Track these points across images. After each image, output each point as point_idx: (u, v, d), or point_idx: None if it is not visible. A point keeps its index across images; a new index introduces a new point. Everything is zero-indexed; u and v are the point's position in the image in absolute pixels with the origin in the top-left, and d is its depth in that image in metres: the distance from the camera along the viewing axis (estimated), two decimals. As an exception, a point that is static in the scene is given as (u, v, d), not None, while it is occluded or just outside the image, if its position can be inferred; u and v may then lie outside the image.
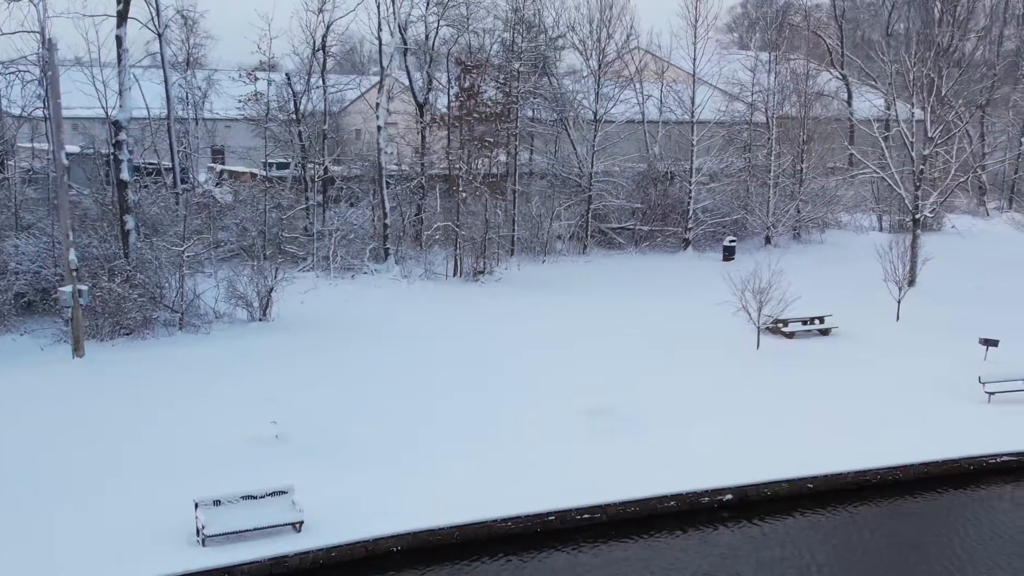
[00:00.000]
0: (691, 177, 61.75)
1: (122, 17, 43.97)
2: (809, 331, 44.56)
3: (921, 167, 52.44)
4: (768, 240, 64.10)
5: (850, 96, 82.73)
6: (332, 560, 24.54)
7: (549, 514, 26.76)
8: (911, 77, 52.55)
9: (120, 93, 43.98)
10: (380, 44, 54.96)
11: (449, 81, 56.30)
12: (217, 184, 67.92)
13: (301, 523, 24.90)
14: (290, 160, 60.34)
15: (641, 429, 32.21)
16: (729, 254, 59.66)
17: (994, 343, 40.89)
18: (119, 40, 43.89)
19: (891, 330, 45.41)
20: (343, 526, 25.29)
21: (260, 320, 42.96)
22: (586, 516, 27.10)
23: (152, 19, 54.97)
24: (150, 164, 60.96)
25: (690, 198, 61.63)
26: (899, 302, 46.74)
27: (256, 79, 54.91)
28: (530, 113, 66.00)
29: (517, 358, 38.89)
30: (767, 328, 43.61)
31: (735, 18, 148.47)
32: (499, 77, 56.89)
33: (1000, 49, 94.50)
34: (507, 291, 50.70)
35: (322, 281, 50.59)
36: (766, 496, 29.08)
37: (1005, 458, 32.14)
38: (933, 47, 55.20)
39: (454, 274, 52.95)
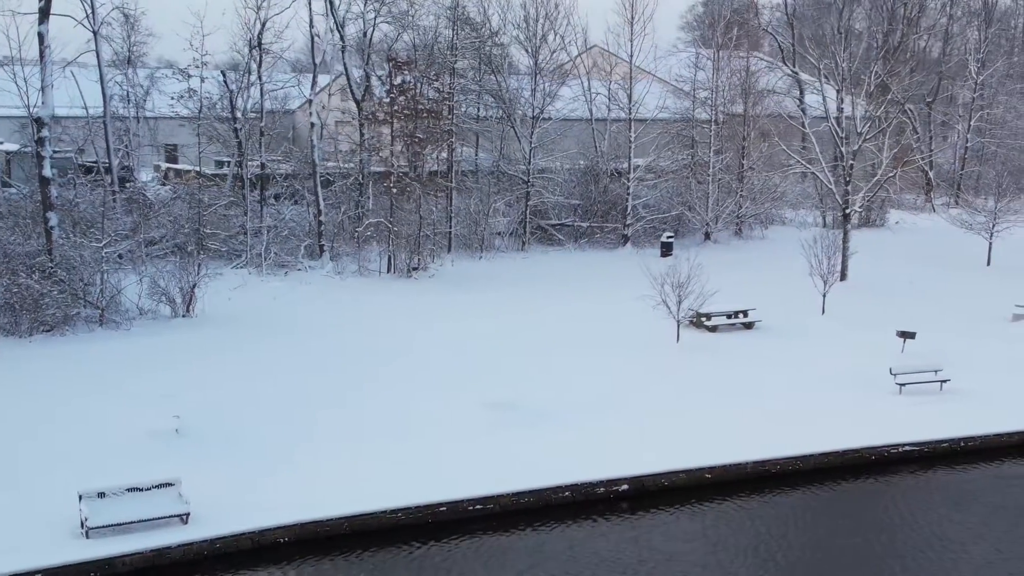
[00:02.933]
0: (630, 173, 61.97)
1: (44, 14, 43.83)
2: (733, 325, 44.83)
3: (851, 162, 52.79)
4: (708, 236, 64.38)
5: (802, 93, 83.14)
6: (217, 552, 24.51)
7: (440, 505, 26.82)
8: (838, 72, 52.86)
9: (42, 90, 43.80)
10: (312, 41, 54.92)
11: (380, 78, 56.29)
12: (163, 183, 67.77)
13: (188, 515, 24.86)
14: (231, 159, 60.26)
15: (547, 422, 32.33)
16: (667, 250, 59.90)
17: (911, 335, 41.27)
18: (41, 37, 43.72)
19: (815, 324, 45.75)
20: (232, 518, 25.28)
21: (183, 316, 42.92)
22: (478, 507, 27.17)
23: (87, 17, 54.83)
24: (91, 162, 60.74)
25: (628, 195, 61.85)
26: (824, 296, 47.08)
27: (190, 76, 54.76)
28: (477, 110, 66.29)
29: (433, 352, 39.06)
30: (691, 322, 43.91)
31: (696, 17, 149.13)
32: (432, 73, 56.91)
33: (947, 47, 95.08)
34: (438, 287, 50.81)
35: (254, 278, 50.60)
36: (664, 486, 29.21)
37: (907, 448, 32.41)
38: (873, 42, 55.61)
39: (388, 270, 52.99)
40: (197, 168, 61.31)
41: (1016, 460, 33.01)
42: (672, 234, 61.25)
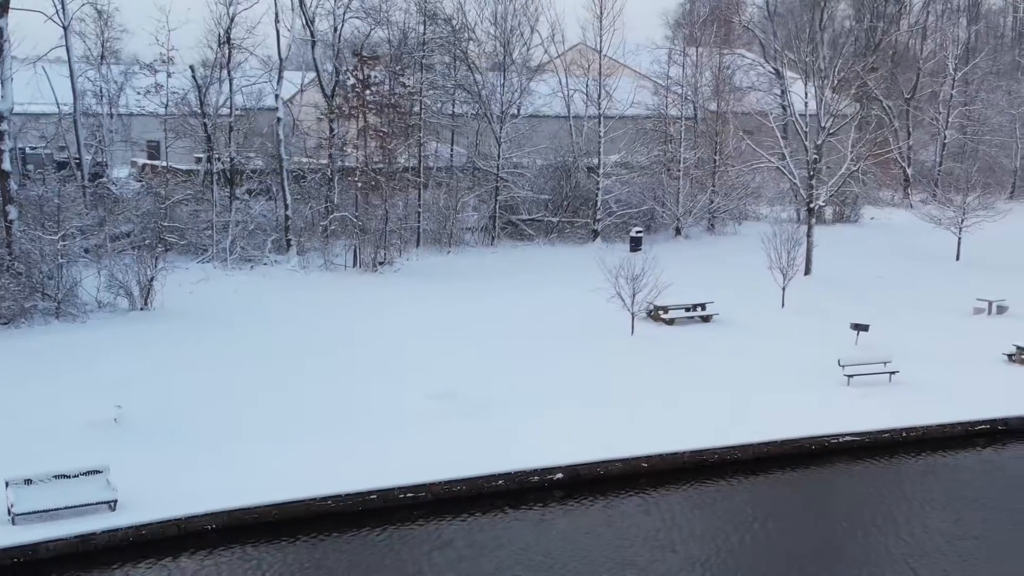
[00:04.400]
0: (599, 169, 62.12)
1: (3, 8, 44.03)
2: (692, 318, 44.98)
3: (815, 156, 52.92)
4: (679, 231, 64.52)
5: (784, 91, 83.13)
6: (143, 538, 24.65)
7: (371, 493, 26.97)
8: (802, 67, 53.02)
9: (1, 83, 43.99)
10: (278, 35, 55.09)
11: (348, 73, 56.37)
12: (138, 179, 67.88)
13: (115, 502, 25.00)
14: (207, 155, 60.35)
15: (490, 412, 32.45)
16: (636, 245, 60.02)
17: (864, 328, 41.40)
18: (0, 31, 43.93)
19: (774, 317, 45.90)
20: (161, 506, 25.42)
21: (141, 309, 43.08)
22: (409, 495, 27.32)
23: (57, 12, 55.09)
24: (66, 159, 60.90)
25: (598, 190, 62.00)
26: (784, 289, 47.25)
27: (156, 71, 54.96)
28: (452, 106, 66.40)
29: (381, 344, 39.25)
30: (648, 315, 44.06)
31: (684, 14, 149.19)
32: (398, 68, 57.07)
33: (924, 43, 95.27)
34: (401, 281, 50.96)
35: (218, 272, 50.79)
36: (599, 475, 29.36)
37: (848, 438, 32.56)
38: (853, 38, 55.79)
39: (354, 265, 53.14)
40: (165, 163, 61.34)
41: (958, 451, 33.16)
42: (641, 229, 61.40)
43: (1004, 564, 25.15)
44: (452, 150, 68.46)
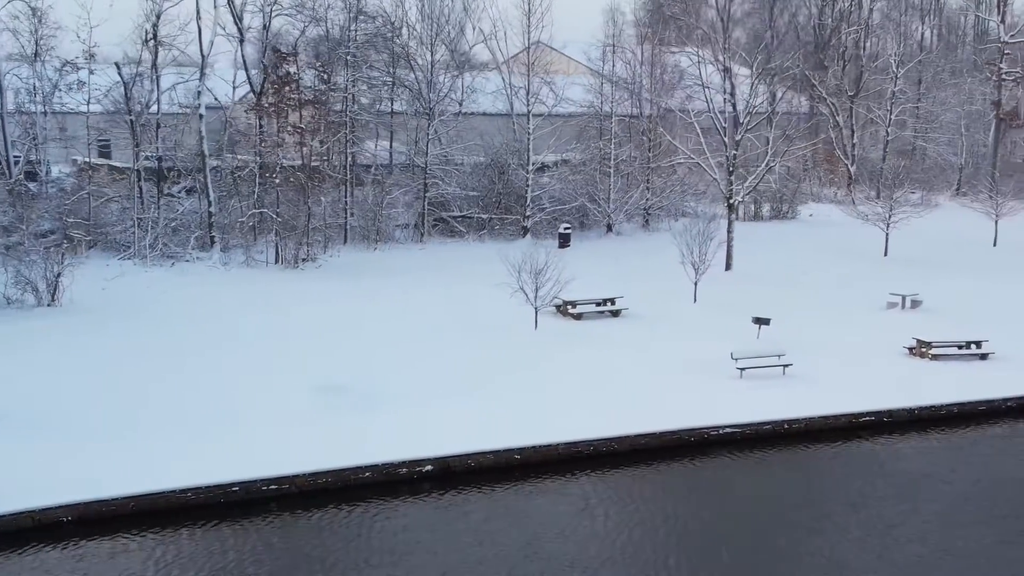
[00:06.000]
0: (529, 166, 62.34)
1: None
2: (602, 312, 45.17)
3: (734, 152, 53.26)
4: (610, 228, 64.76)
5: (733, 88, 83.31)
6: (-6, 530, 24.74)
7: (232, 485, 27.05)
8: (721, 64, 53.35)
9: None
10: (200, 32, 55.09)
11: (267, 68, 56.44)
12: (77, 177, 67.69)
13: (-29, 494, 25.09)
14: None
15: (375, 405, 32.60)
16: (564, 241, 60.29)
17: (765, 322, 41.72)
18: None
19: (685, 311, 46.18)
20: (20, 498, 25.45)
21: (48, 305, 43.09)
22: (273, 487, 27.42)
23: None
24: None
25: (527, 186, 62.19)
26: (696, 284, 47.51)
27: (78, 68, 54.94)
28: (391, 103, 66.56)
29: (285, 340, 39.29)
30: (558, 310, 44.29)
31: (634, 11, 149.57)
32: (319, 65, 57.20)
33: (866, 41, 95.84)
34: (322, 277, 50.99)
35: (137, 268, 50.83)
36: (470, 467, 29.51)
37: (728, 429, 32.79)
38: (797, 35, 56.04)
39: (276, 261, 53.20)
40: (87, 159, 61.25)
41: (839, 443, 33.43)
42: (569, 225, 61.63)
43: (842, 556, 25.40)
44: (391, 147, 68.54)
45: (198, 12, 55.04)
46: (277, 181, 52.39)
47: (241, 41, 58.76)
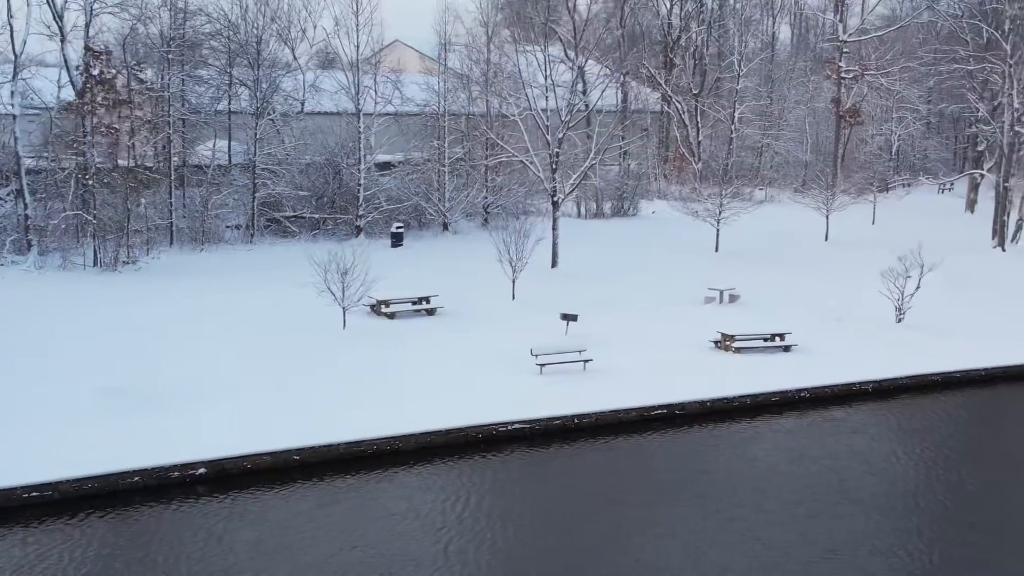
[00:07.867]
0: (360, 165, 61.99)
1: None
2: (418, 311, 45.09)
3: (556, 151, 53.68)
4: (446, 227, 64.72)
5: (585, 86, 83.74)
6: None
7: (-13, 492, 26.35)
8: (546, 64, 53.83)
9: None
10: (11, 30, 53.59)
11: (79, 68, 55.12)
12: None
13: None
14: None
15: (157, 408, 32.05)
16: (397, 240, 60.09)
17: (573, 318, 42.10)
18: None
19: (501, 309, 46.32)
20: None
21: None
22: (35, 494, 26.73)
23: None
24: None
25: (360, 186, 61.82)
26: (513, 282, 47.71)
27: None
28: (229, 103, 65.57)
29: (82, 342, 38.38)
30: (372, 309, 44.09)
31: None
32: (134, 64, 56.14)
33: (708, 40, 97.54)
34: (140, 280, 49.75)
35: (-58, 273, 49.29)
36: (247, 469, 29.18)
37: (517, 426, 32.98)
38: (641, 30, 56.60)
39: (94, 264, 52.00)
40: None
41: (631, 436, 33.88)
42: (401, 225, 61.44)
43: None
44: (230, 148, 67.52)
45: (9, 9, 53.52)
46: (91, 183, 51.18)
47: (63, 40, 57.24)
